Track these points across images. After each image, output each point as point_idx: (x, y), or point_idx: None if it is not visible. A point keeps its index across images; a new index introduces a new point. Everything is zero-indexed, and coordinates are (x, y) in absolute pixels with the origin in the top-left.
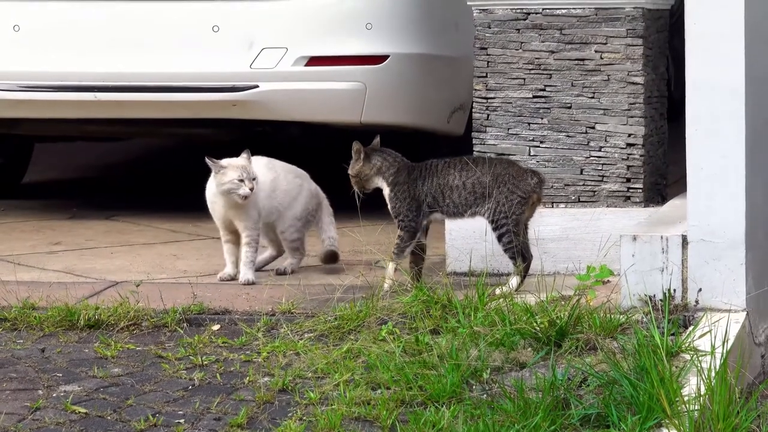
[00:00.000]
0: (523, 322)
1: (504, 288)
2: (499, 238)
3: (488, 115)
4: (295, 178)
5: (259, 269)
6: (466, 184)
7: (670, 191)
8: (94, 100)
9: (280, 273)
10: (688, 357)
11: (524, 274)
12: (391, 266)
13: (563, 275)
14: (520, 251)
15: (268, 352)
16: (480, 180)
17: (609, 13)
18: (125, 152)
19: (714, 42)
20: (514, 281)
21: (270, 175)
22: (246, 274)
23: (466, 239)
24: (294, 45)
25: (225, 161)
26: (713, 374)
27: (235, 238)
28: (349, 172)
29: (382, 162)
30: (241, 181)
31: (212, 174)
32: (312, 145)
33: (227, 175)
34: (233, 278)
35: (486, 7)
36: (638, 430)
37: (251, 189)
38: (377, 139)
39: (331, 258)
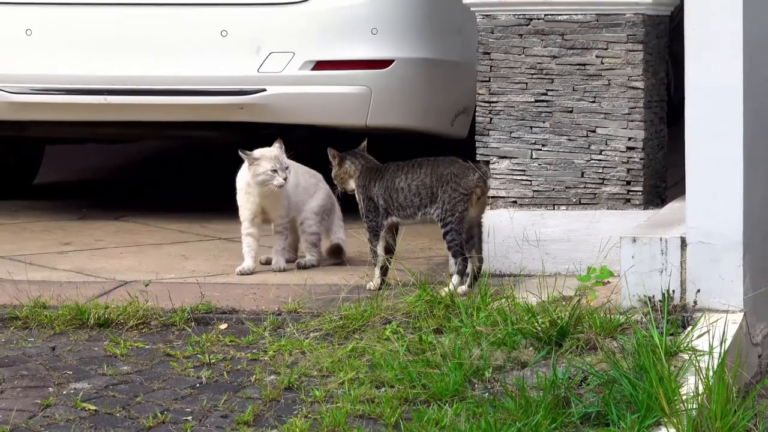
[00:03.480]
0: (524, 322)
1: (447, 288)
2: (444, 236)
3: (491, 118)
4: (311, 177)
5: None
6: (410, 186)
7: (670, 194)
8: (104, 103)
9: (302, 267)
10: (686, 357)
11: (477, 276)
12: (376, 270)
13: (564, 276)
14: (462, 250)
15: (274, 351)
16: (423, 182)
17: (610, 19)
18: (134, 154)
19: (713, 46)
20: (455, 279)
21: (292, 173)
22: (279, 261)
23: None
24: (301, 49)
25: (258, 152)
26: (711, 374)
27: (257, 232)
28: (332, 175)
29: (349, 166)
30: (275, 171)
31: (245, 165)
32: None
33: (261, 166)
34: (252, 272)
35: (489, 13)
36: (637, 428)
37: (285, 179)
38: (364, 143)
39: (336, 252)
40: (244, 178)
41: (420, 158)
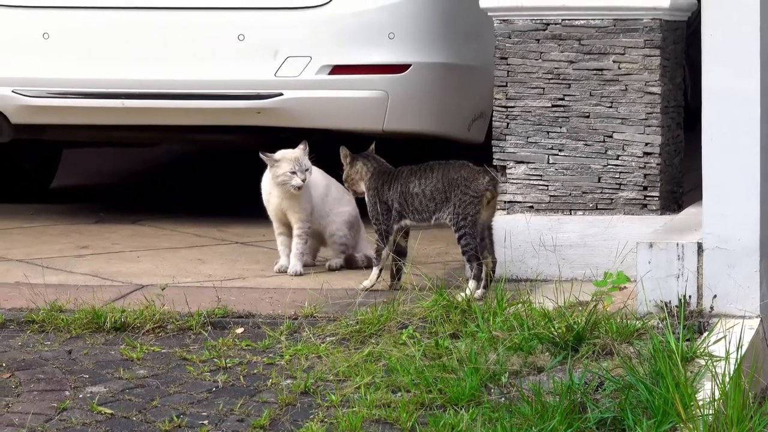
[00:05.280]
0: (541, 327)
1: (464, 293)
2: (458, 240)
3: (508, 123)
4: (343, 191)
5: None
6: (425, 191)
7: (686, 199)
8: (121, 107)
9: (332, 269)
10: (702, 362)
11: (492, 277)
12: (374, 270)
13: (581, 281)
14: (476, 255)
15: (290, 355)
16: (436, 186)
17: (627, 24)
18: (151, 158)
19: (729, 52)
20: (471, 284)
21: (324, 182)
22: (295, 265)
23: None
24: (318, 54)
25: (279, 154)
26: (727, 379)
27: (288, 230)
28: (343, 176)
29: (361, 167)
30: (293, 173)
31: (266, 173)
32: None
33: (281, 168)
34: (285, 270)
35: (506, 18)
36: None
37: (303, 180)
38: (372, 146)
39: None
40: (266, 181)
41: (431, 162)
